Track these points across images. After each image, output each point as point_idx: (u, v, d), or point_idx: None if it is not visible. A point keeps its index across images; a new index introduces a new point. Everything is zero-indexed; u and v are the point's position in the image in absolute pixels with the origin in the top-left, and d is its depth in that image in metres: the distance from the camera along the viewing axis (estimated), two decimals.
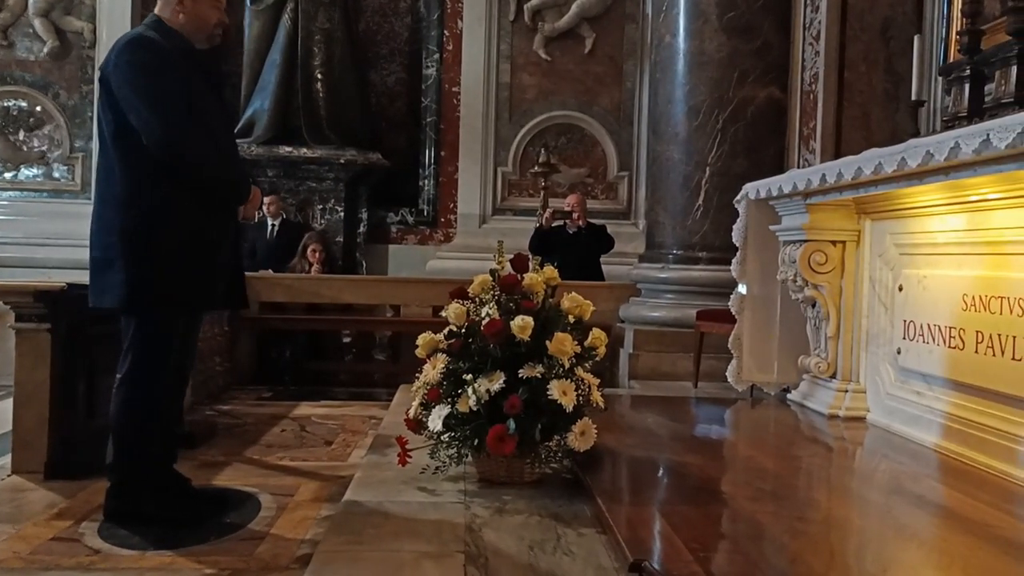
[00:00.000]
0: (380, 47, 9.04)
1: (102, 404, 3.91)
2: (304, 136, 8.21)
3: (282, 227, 7.61)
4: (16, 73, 8.38)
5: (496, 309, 3.04)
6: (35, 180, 8.43)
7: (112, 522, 3.09)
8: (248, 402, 5.71)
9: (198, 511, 3.19)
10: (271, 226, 7.60)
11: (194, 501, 3.25)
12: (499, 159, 8.66)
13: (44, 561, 2.77)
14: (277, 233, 7.56)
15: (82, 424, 3.79)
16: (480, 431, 2.94)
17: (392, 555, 2.45)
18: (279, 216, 7.64)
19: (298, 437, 4.69)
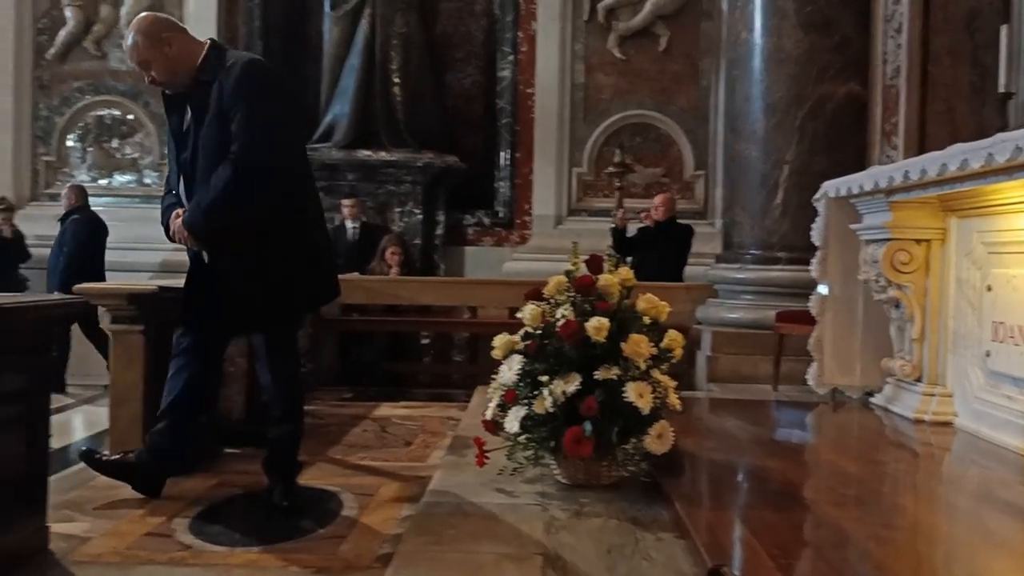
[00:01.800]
0: (456, 50, 9.12)
1: None
2: (383, 140, 8.34)
3: (362, 230, 7.74)
4: (109, 83, 8.70)
5: (571, 310, 3.05)
6: (127, 186, 8.75)
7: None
8: (331, 403, 5.84)
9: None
10: (351, 229, 7.74)
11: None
12: (574, 160, 8.66)
13: (138, 556, 2.88)
14: (358, 236, 7.69)
15: None
16: (557, 433, 2.95)
17: (471, 556, 2.49)
18: (359, 219, 7.78)
19: (379, 437, 4.78)
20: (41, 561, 2.79)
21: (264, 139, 3.05)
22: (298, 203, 3.21)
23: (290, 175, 3.15)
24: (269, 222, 3.12)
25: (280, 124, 3.11)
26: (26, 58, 8.63)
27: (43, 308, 2.94)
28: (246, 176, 3.03)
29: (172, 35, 3.24)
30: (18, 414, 2.77)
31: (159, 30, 3.25)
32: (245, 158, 3.02)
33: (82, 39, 8.65)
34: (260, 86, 3.11)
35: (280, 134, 3.11)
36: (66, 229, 7.31)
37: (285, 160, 3.11)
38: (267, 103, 3.09)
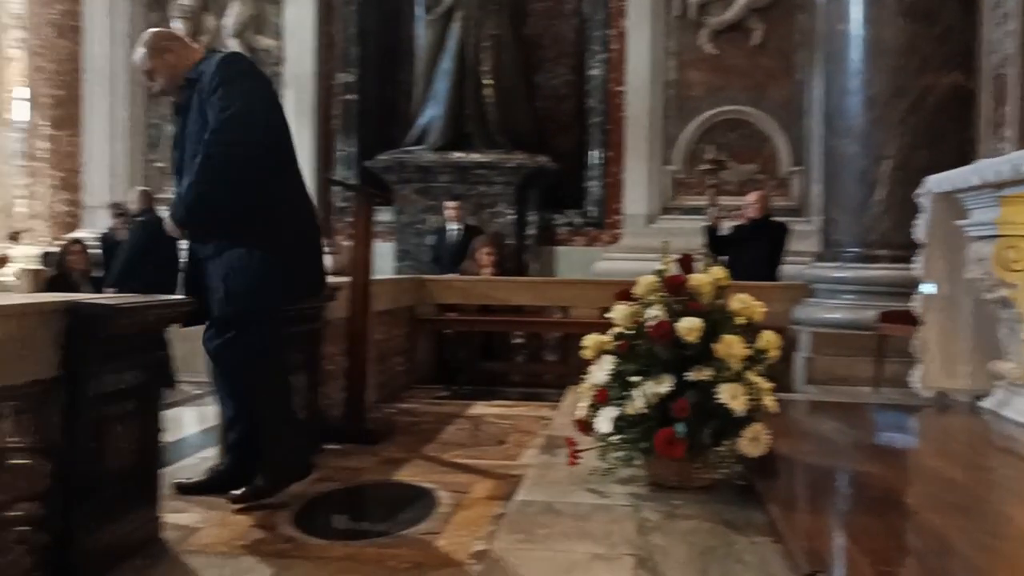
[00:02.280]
0: (546, 50, 9.16)
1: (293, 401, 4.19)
2: (475, 141, 8.44)
3: (465, 232, 7.83)
4: None
5: (663, 311, 3.04)
6: None
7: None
8: (426, 401, 5.94)
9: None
10: (455, 231, 7.84)
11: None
12: (666, 158, 8.59)
13: (244, 547, 3.01)
14: (461, 238, 7.79)
15: None
16: (649, 434, 2.95)
17: (562, 555, 2.52)
18: (462, 221, 7.88)
19: (473, 436, 4.84)
20: (154, 550, 2.93)
21: (232, 121, 3.08)
22: (277, 192, 3.25)
23: (262, 159, 3.16)
24: (246, 210, 3.17)
25: (247, 107, 3.12)
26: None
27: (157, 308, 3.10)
28: (218, 159, 3.08)
29: (172, 44, 3.43)
30: (132, 409, 2.93)
31: (159, 40, 3.46)
32: (215, 142, 3.09)
33: None
34: (230, 73, 3.17)
35: (248, 116, 3.11)
36: (130, 231, 7.56)
37: (254, 143, 3.11)
38: (234, 88, 3.13)
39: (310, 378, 4.42)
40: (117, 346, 2.78)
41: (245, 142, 3.09)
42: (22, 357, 2.50)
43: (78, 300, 2.72)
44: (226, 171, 3.10)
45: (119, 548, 2.81)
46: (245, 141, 3.09)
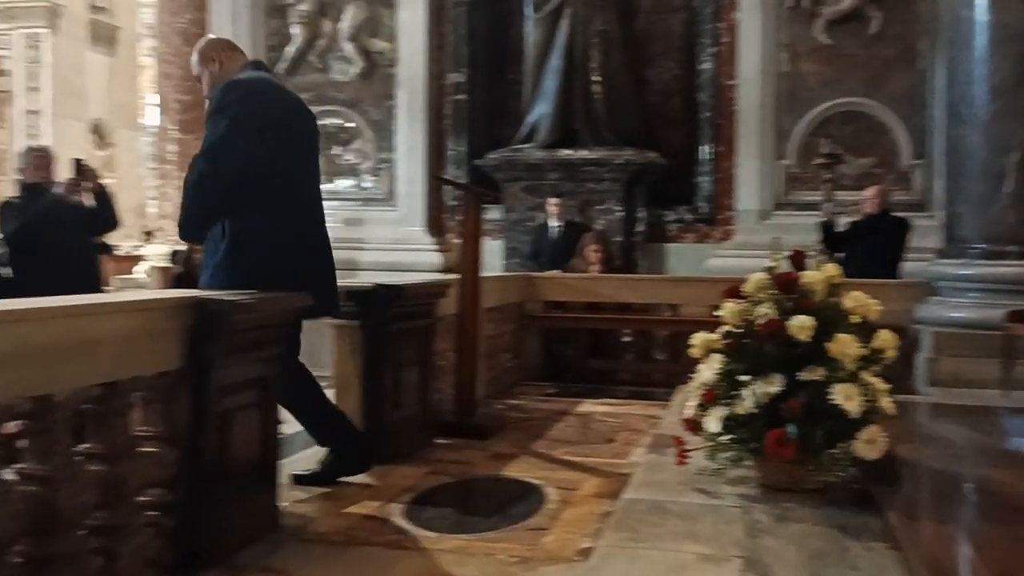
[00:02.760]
0: (655, 45, 9.06)
1: (405, 395, 4.30)
2: (583, 138, 8.43)
3: (565, 229, 7.86)
4: (332, 94, 9.31)
5: (773, 308, 2.98)
6: (348, 190, 9.33)
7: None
8: (535, 397, 5.98)
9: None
10: (555, 228, 7.88)
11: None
12: (779, 152, 8.38)
13: (358, 537, 3.10)
14: (561, 235, 7.82)
15: (389, 413, 4.17)
16: (758, 434, 2.90)
17: (670, 555, 2.50)
18: (563, 218, 7.90)
19: (581, 433, 4.86)
20: (273, 536, 3.06)
21: (208, 152, 3.20)
22: (255, 220, 3.27)
23: (232, 191, 3.21)
24: (219, 237, 3.26)
25: (225, 139, 3.18)
26: None
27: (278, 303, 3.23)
28: (191, 187, 3.21)
29: (221, 55, 3.48)
30: (254, 401, 3.06)
31: (209, 50, 3.52)
32: (193, 170, 3.23)
33: (307, 54, 9.30)
34: (221, 103, 3.24)
35: (223, 149, 3.18)
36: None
37: (223, 177, 3.17)
38: (220, 118, 3.21)
39: (422, 373, 4.52)
40: (239, 340, 2.91)
41: (215, 174, 3.17)
42: (151, 350, 2.65)
43: (203, 296, 2.86)
44: (196, 198, 3.22)
45: (241, 534, 2.94)
46: (215, 173, 3.17)
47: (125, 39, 15.90)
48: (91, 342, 2.39)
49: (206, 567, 2.73)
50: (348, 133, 9.33)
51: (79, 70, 14.55)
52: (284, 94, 3.49)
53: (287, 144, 3.31)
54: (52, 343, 2.25)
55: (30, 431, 2.35)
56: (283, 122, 3.30)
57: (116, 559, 2.51)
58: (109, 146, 15.42)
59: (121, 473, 2.55)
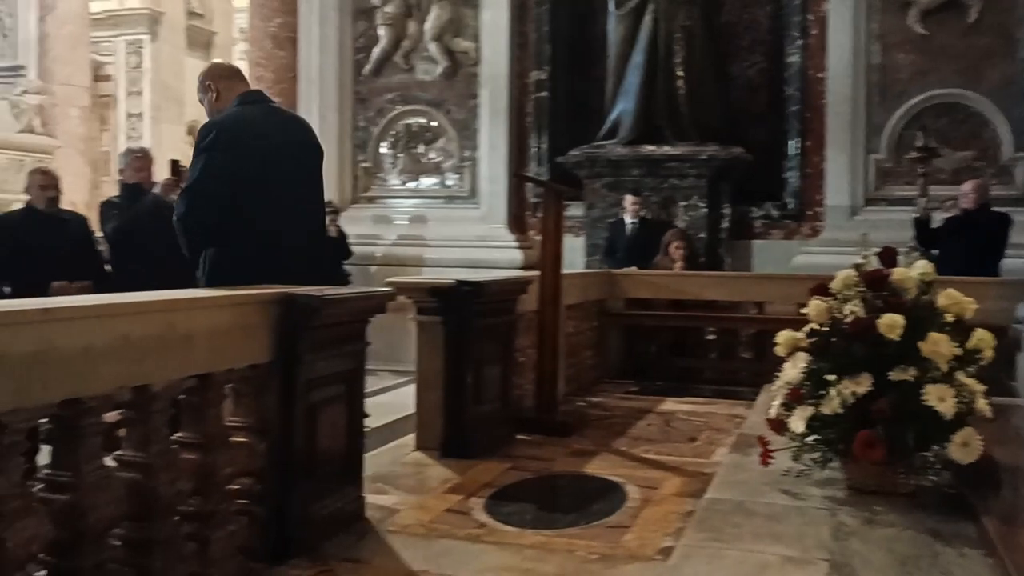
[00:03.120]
0: (741, 39, 8.91)
1: (487, 391, 4.34)
2: (666, 134, 8.35)
3: (641, 225, 7.80)
4: (416, 94, 9.44)
5: (861, 306, 2.92)
6: (432, 188, 9.45)
7: None
8: (616, 395, 5.96)
9: None
10: (630, 224, 7.83)
11: None
12: (871, 146, 8.14)
13: (440, 530, 3.15)
14: (636, 231, 7.77)
15: (470, 409, 4.21)
16: (846, 435, 2.85)
17: (753, 556, 2.47)
18: (638, 215, 7.85)
19: (663, 432, 4.82)
20: (358, 527, 3.13)
21: (185, 194, 3.42)
22: (237, 252, 3.38)
23: (204, 230, 3.39)
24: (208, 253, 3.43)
25: (199, 183, 3.36)
26: (347, 75, 9.58)
27: (364, 299, 3.30)
28: (175, 225, 3.42)
29: (218, 83, 3.58)
30: (340, 394, 3.13)
31: (207, 77, 3.63)
32: (175, 209, 3.46)
33: (392, 54, 9.45)
34: (197, 146, 3.41)
35: (197, 193, 3.36)
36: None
37: (197, 219, 3.36)
38: (196, 161, 3.39)
39: (503, 370, 4.55)
40: (327, 335, 2.98)
41: (191, 214, 3.36)
42: (243, 343, 2.73)
43: (292, 291, 2.94)
44: (180, 235, 3.43)
45: (328, 524, 3.01)
46: (191, 213, 3.36)
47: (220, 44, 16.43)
48: (186, 336, 2.48)
49: (293, 555, 2.81)
50: (432, 132, 9.44)
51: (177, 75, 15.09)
52: (266, 121, 3.53)
53: (265, 166, 3.41)
54: (150, 336, 2.35)
55: (129, 420, 2.46)
56: (260, 150, 3.40)
57: (208, 545, 2.60)
58: None
59: (214, 462, 2.64)
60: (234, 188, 3.33)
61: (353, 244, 8.67)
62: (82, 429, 2.22)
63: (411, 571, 2.76)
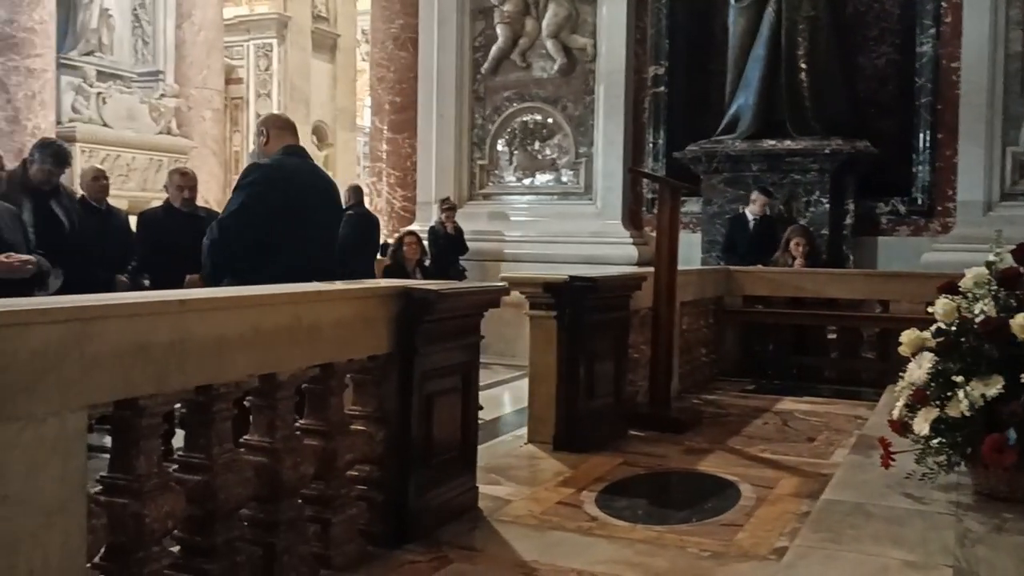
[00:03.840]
0: (868, 29, 8.60)
1: (600, 386, 4.36)
2: (788, 128, 8.14)
3: (761, 222, 7.64)
4: (533, 91, 9.51)
5: (992, 305, 2.80)
6: (547, 185, 9.50)
7: None
8: (732, 393, 5.88)
9: None
10: (752, 220, 7.68)
11: None
12: (1008, 139, 7.72)
13: (551, 522, 3.19)
14: (758, 228, 7.61)
15: (583, 403, 4.24)
16: (974, 439, 2.73)
17: (871, 559, 2.41)
18: (762, 213, 7.69)
19: (780, 431, 4.74)
20: (472, 516, 3.20)
21: (220, 223, 3.81)
22: (259, 264, 3.67)
23: (230, 258, 3.75)
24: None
25: (233, 216, 3.75)
26: (466, 74, 9.73)
27: (479, 294, 3.38)
28: (207, 248, 3.82)
29: (271, 130, 3.98)
30: (455, 385, 3.21)
31: (263, 123, 4.09)
32: (208, 235, 3.83)
33: (510, 53, 9.54)
34: (240, 182, 3.85)
35: (229, 225, 3.75)
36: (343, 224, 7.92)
37: (223, 247, 3.76)
38: (234, 197, 3.82)
39: (616, 365, 4.56)
40: (443, 327, 3.07)
41: (222, 243, 3.76)
42: (363, 335, 2.84)
43: (410, 285, 3.04)
44: (207, 259, 3.85)
45: (443, 512, 3.10)
46: (223, 242, 3.76)
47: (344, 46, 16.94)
48: (311, 327, 2.60)
49: (410, 541, 2.90)
50: (548, 129, 9.48)
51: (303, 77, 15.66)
52: (298, 171, 3.92)
53: (292, 211, 3.78)
54: (278, 327, 2.47)
55: (257, 406, 2.60)
56: (291, 196, 3.78)
57: (329, 527, 2.72)
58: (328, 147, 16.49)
59: (335, 448, 2.75)
60: (265, 224, 3.72)
61: (469, 240, 8.81)
62: (214, 414, 2.36)
63: (523, 561, 2.81)
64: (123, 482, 2.13)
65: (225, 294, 2.63)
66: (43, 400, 1.80)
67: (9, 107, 9.90)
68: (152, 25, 12.32)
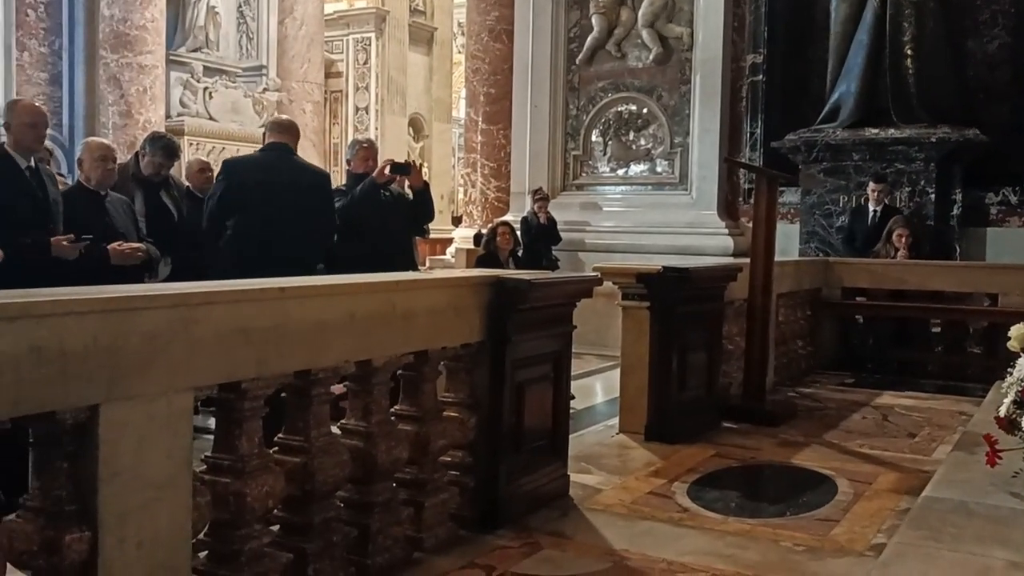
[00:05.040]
0: (979, 12, 8.23)
1: (692, 377, 4.32)
2: (891, 116, 7.88)
3: (883, 213, 7.39)
4: (627, 81, 9.43)
5: None
6: (641, 175, 9.42)
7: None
8: (829, 386, 5.75)
9: None
10: (872, 212, 7.44)
11: None
12: None
13: (642, 511, 3.19)
14: (878, 219, 7.37)
15: (674, 394, 4.22)
16: None
17: (974, 558, 2.33)
18: (881, 203, 7.44)
19: (879, 426, 4.62)
20: (562, 504, 3.22)
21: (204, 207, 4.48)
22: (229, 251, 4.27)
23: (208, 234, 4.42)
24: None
25: (208, 202, 4.42)
26: (560, 65, 9.72)
27: (571, 283, 3.39)
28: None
29: (266, 133, 4.59)
30: (547, 374, 3.23)
31: (266, 126, 4.73)
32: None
33: (605, 42, 9.48)
34: (218, 175, 4.57)
35: (207, 209, 4.40)
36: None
37: (210, 218, 4.38)
38: (215, 187, 4.47)
39: (710, 356, 4.51)
40: (535, 316, 3.09)
41: (207, 232, 4.45)
42: (456, 323, 2.89)
43: (502, 275, 3.07)
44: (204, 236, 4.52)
45: (534, 498, 3.13)
46: (207, 232, 4.45)
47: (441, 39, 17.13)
48: (407, 315, 2.66)
49: (500, 526, 2.94)
50: (642, 119, 9.39)
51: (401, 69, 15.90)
52: (271, 164, 4.39)
53: (262, 198, 4.26)
54: (373, 314, 2.53)
55: (354, 392, 2.67)
56: (260, 184, 4.27)
57: (422, 510, 2.78)
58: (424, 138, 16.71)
59: (428, 434, 2.81)
60: (235, 209, 4.28)
61: (562, 230, 8.81)
62: (312, 398, 2.44)
63: (612, 549, 2.82)
64: (226, 462, 2.22)
65: (323, 282, 2.71)
66: (153, 381, 1.89)
67: (122, 102, 10.36)
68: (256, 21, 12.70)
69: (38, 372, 1.69)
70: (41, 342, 1.69)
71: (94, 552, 1.82)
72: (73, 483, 1.83)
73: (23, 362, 1.66)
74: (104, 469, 1.82)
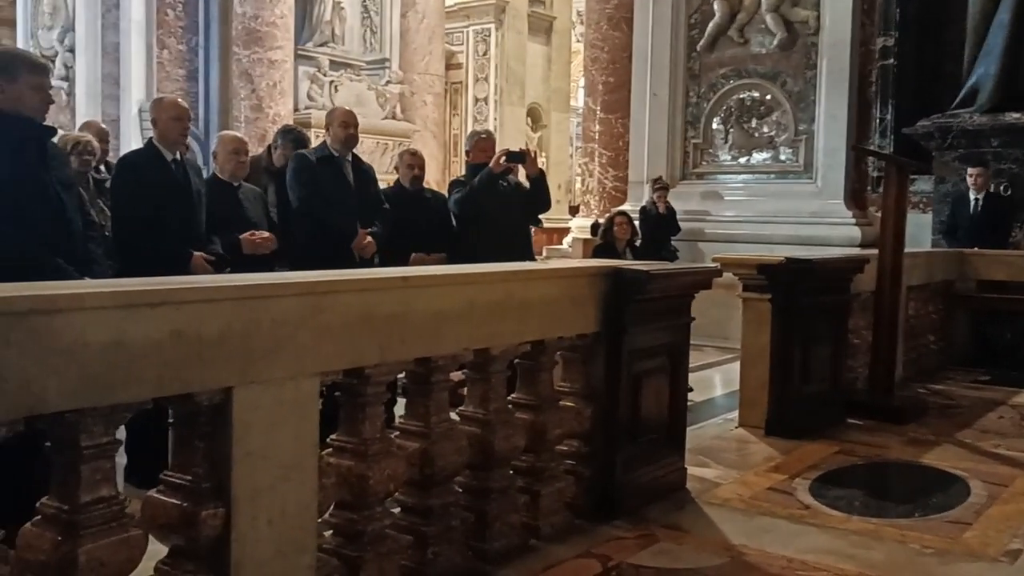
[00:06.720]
0: None
1: (815, 371, 4.21)
2: None
3: (986, 201, 6.99)
4: (750, 67, 9.20)
5: None
6: (764, 163, 9.19)
7: None
8: (962, 383, 5.50)
9: None
10: (974, 200, 7.06)
11: None
12: None
13: (761, 507, 3.13)
14: (981, 207, 6.99)
15: (796, 388, 4.11)
16: None
17: None
18: (983, 190, 7.04)
19: (1017, 426, 4.40)
20: (679, 496, 3.20)
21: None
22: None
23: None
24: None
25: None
26: (680, 52, 9.57)
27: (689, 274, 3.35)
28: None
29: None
30: (664, 365, 3.21)
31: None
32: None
33: (727, 29, 9.28)
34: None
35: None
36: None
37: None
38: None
39: (834, 350, 4.39)
40: (652, 307, 3.07)
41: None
42: (573, 313, 2.90)
43: (619, 265, 3.06)
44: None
45: (650, 490, 3.12)
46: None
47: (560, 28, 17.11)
48: (524, 304, 2.69)
49: (616, 516, 2.94)
50: (765, 106, 9.16)
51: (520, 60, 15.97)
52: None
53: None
54: (493, 303, 2.57)
55: (472, 379, 2.72)
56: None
57: (538, 498, 2.81)
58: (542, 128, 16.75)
59: (545, 422, 2.83)
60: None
61: (681, 220, 8.70)
62: (433, 385, 2.50)
63: (730, 544, 2.78)
64: (350, 445, 2.30)
65: (443, 271, 2.77)
66: (282, 365, 1.98)
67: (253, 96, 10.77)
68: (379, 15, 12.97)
69: (178, 355, 1.79)
70: (181, 327, 1.79)
71: (228, 528, 1.91)
72: (209, 462, 1.94)
73: (165, 345, 1.77)
74: (238, 449, 1.91)
